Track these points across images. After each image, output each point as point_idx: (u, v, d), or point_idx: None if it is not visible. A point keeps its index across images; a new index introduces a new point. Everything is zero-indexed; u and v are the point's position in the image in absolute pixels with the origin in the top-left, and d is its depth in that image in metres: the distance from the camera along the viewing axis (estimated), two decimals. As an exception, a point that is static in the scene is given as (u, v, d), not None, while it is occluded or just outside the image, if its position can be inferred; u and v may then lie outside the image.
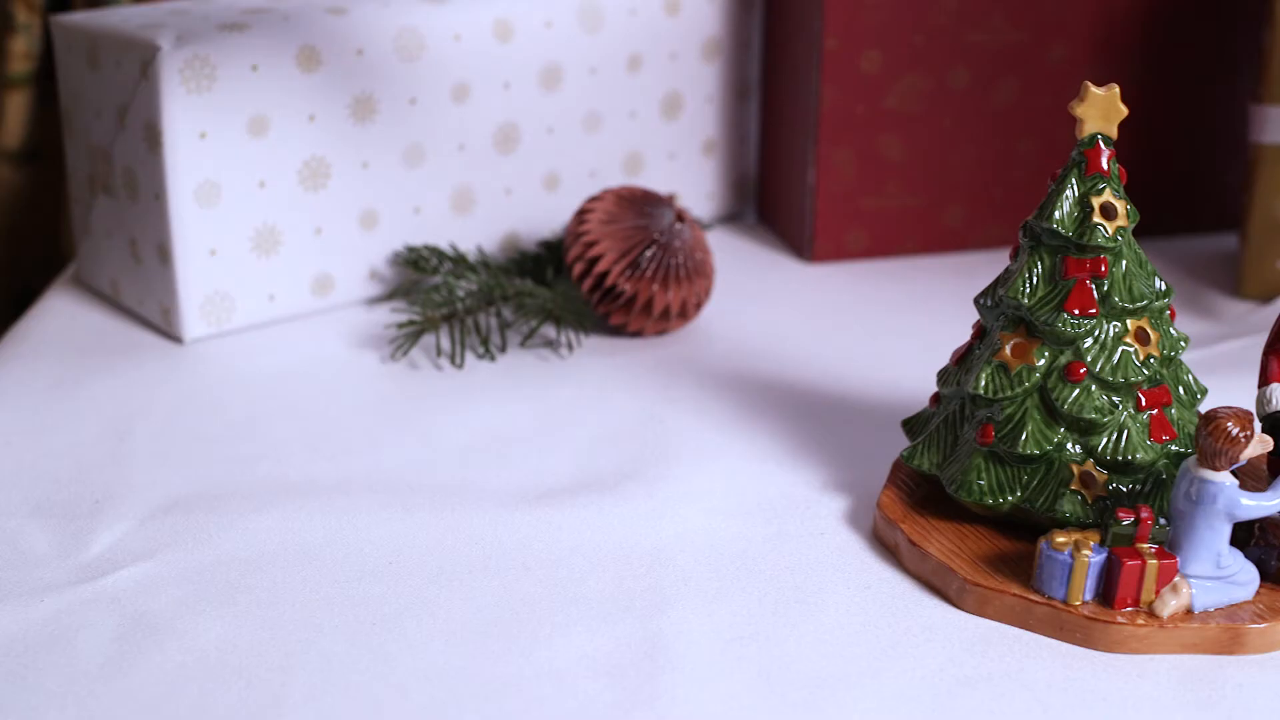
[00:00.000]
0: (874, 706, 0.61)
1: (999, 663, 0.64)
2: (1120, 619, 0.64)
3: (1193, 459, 0.65)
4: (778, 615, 0.66)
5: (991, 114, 1.05)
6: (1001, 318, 0.71)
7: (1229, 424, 0.63)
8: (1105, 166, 0.69)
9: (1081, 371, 0.69)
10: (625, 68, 1.03)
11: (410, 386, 0.87)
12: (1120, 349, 0.69)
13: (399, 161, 0.96)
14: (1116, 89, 0.69)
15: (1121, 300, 0.69)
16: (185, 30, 0.88)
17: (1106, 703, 0.61)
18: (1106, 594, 0.65)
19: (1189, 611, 0.65)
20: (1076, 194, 0.69)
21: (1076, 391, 0.69)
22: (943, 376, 0.74)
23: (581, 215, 0.93)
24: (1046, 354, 0.69)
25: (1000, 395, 0.70)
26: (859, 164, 1.04)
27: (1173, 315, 0.72)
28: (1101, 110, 0.69)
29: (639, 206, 0.92)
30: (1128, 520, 0.65)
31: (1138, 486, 0.69)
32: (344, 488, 0.76)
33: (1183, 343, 0.71)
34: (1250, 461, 0.71)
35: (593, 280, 0.91)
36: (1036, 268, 0.70)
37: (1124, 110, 0.69)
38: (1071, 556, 0.65)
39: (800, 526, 0.73)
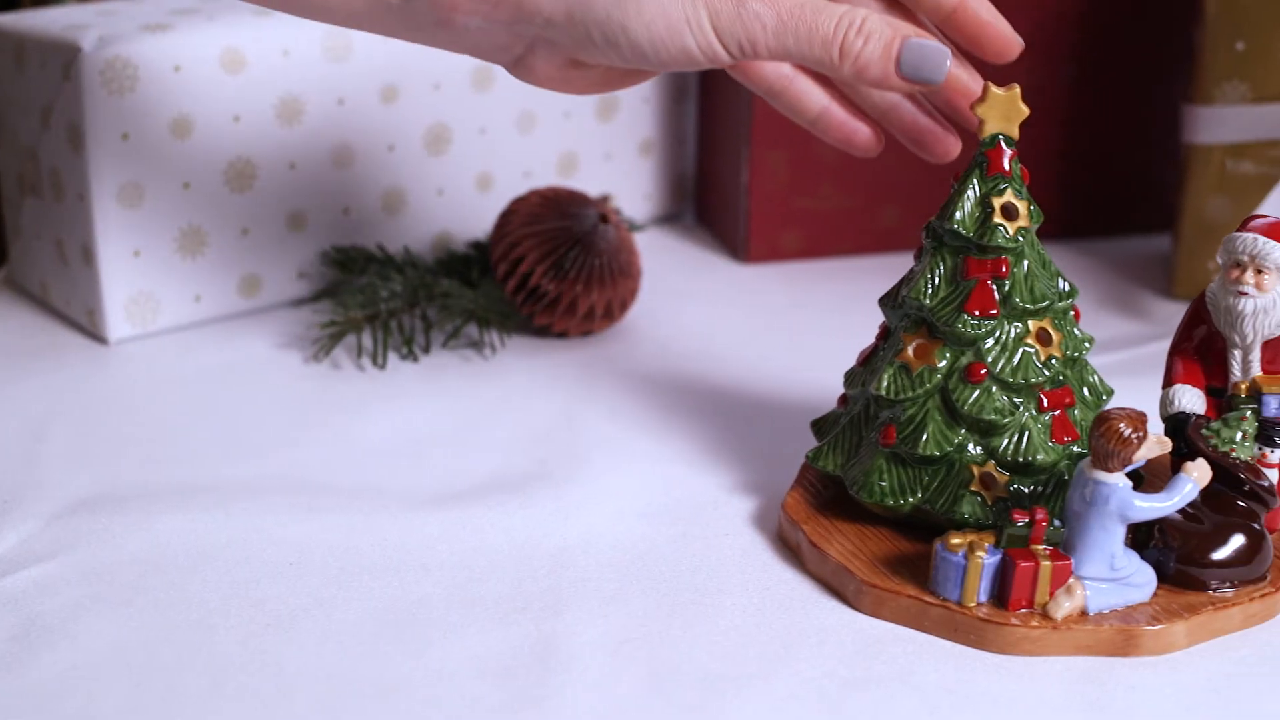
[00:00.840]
0: (760, 708, 0.60)
1: (891, 664, 0.63)
2: (1014, 621, 0.64)
3: (1087, 460, 0.64)
4: (673, 616, 0.66)
5: (927, 115, 1.05)
6: (905, 319, 0.71)
7: (1121, 425, 0.63)
8: (1006, 167, 0.69)
9: (982, 373, 0.68)
10: (559, 68, 1.03)
11: (331, 387, 0.87)
12: (1021, 350, 0.69)
13: (327, 162, 0.95)
14: (1017, 89, 0.69)
15: (1023, 301, 0.69)
16: (108, 32, 0.88)
17: (995, 704, 0.61)
18: (1001, 596, 0.65)
19: (1083, 613, 0.65)
20: (978, 194, 0.69)
21: (977, 393, 0.68)
22: (849, 377, 0.74)
23: (506, 216, 0.93)
24: (948, 355, 0.69)
25: (902, 396, 0.69)
26: (792, 165, 1.04)
27: (1077, 316, 0.72)
28: (1002, 110, 0.69)
29: (563, 207, 0.92)
30: (1022, 522, 0.65)
31: (1039, 488, 0.69)
32: (254, 489, 0.76)
33: (1087, 344, 0.71)
34: (1154, 463, 0.71)
35: (516, 281, 0.91)
36: (938, 268, 0.70)
37: (1025, 110, 0.69)
38: (965, 558, 0.65)
39: (706, 528, 0.73)
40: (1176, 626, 0.65)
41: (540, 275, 0.90)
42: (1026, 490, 0.68)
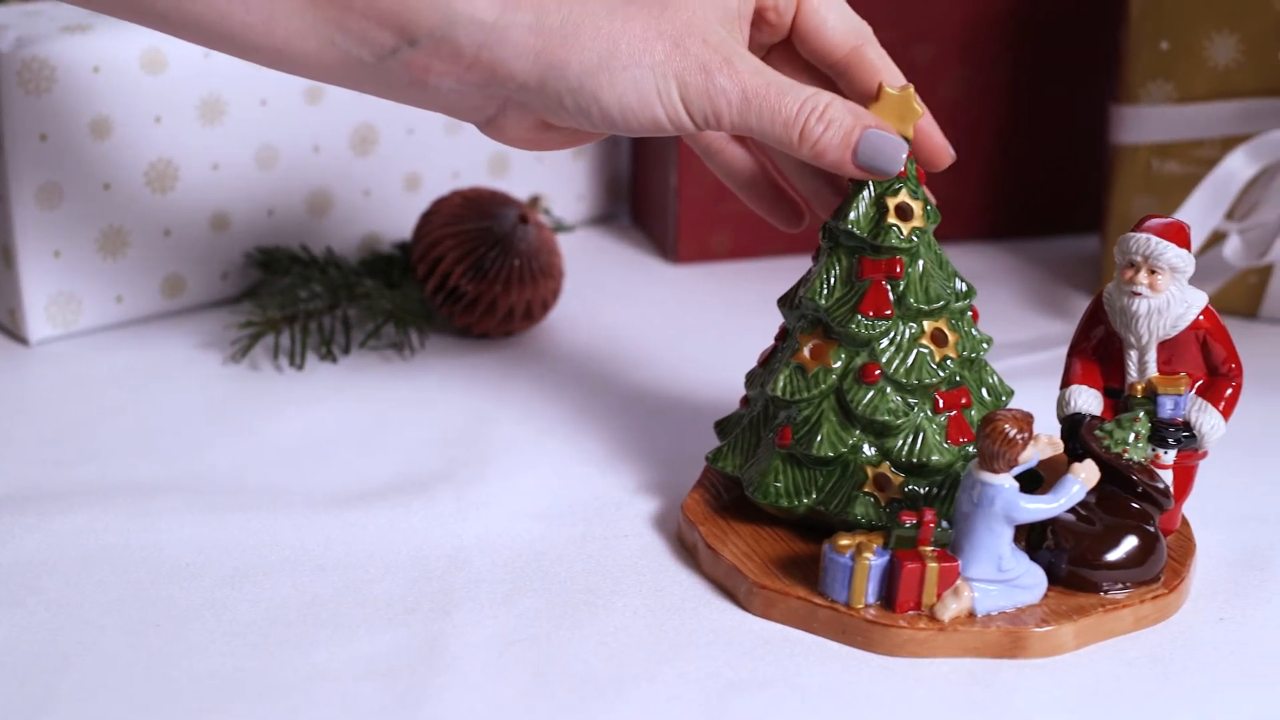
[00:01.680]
0: (641, 710, 0.60)
1: (776, 666, 0.63)
2: (901, 622, 0.64)
3: (975, 461, 0.64)
4: (564, 618, 0.66)
5: (859, 115, 1.05)
6: (801, 319, 0.71)
7: (1006, 426, 0.63)
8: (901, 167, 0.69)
9: (876, 373, 0.68)
10: (489, 69, 1.03)
11: (248, 388, 0.87)
12: (916, 350, 0.69)
13: (251, 163, 0.95)
14: (911, 88, 0.69)
15: (917, 302, 0.69)
16: (26, 32, 0.88)
17: (877, 706, 0.61)
18: (889, 597, 0.65)
19: (971, 615, 0.65)
20: (872, 195, 0.69)
21: (871, 393, 0.68)
22: (750, 378, 0.74)
23: (427, 216, 0.93)
24: (843, 356, 0.69)
25: (798, 397, 0.69)
26: (722, 165, 1.04)
27: (975, 317, 0.72)
28: (896, 111, 0.69)
29: (484, 208, 0.92)
30: (910, 523, 0.65)
31: (934, 489, 0.69)
32: (159, 489, 0.76)
33: (985, 344, 0.71)
34: (1052, 464, 0.71)
35: (436, 281, 0.91)
36: (835, 269, 0.70)
37: (920, 111, 0.69)
38: (853, 560, 0.64)
39: (605, 529, 0.73)
40: (1064, 628, 0.64)
41: (459, 275, 0.90)
42: (921, 491, 0.68)
